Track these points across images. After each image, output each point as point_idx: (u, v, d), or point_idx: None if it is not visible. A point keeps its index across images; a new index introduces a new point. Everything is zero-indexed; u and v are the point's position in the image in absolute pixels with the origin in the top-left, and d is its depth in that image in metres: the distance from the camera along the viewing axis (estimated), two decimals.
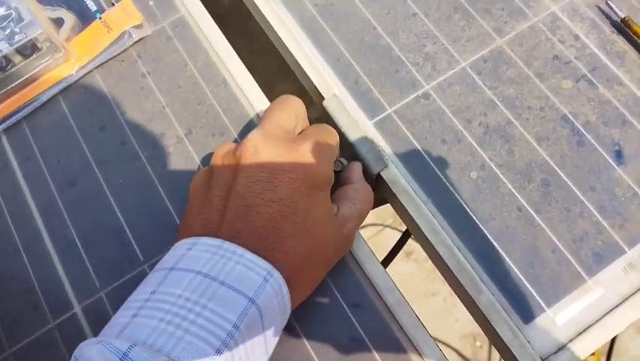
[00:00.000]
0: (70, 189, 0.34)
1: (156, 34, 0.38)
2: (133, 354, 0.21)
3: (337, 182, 0.32)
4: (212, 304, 0.23)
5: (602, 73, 0.35)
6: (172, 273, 0.25)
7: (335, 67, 0.37)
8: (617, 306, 0.30)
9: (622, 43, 0.36)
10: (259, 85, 0.37)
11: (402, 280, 1.15)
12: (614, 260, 0.31)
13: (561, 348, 0.29)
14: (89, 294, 0.32)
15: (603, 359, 1.07)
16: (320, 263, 0.29)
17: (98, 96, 0.37)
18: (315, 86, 0.36)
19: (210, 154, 0.34)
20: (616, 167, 0.33)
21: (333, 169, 0.30)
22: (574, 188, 0.32)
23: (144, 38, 0.38)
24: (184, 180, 0.33)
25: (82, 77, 0.37)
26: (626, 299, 0.30)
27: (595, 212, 0.32)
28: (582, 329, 0.30)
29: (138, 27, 0.38)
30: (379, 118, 0.35)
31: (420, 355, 0.29)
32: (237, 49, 0.38)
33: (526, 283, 0.31)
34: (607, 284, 0.30)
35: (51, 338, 0.31)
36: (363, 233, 0.32)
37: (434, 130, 0.35)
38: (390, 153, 0.34)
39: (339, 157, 0.33)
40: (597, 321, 0.30)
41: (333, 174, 0.30)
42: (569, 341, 0.29)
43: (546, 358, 0.29)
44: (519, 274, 0.31)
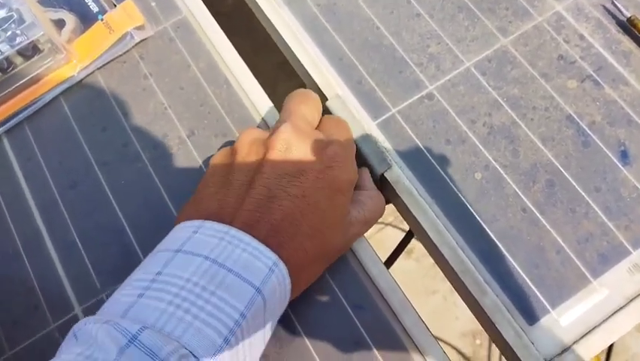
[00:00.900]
0: (71, 190, 0.34)
1: (158, 35, 0.38)
2: (143, 337, 0.21)
3: None
4: (220, 291, 0.23)
5: (608, 73, 0.35)
6: (178, 255, 0.24)
7: (338, 67, 0.37)
8: (622, 307, 0.30)
9: (628, 42, 0.36)
10: (261, 85, 0.36)
11: (402, 278, 1.15)
12: (620, 261, 0.31)
13: (565, 350, 0.29)
14: (90, 295, 0.32)
15: (603, 357, 1.07)
16: (322, 263, 0.29)
17: (100, 98, 0.37)
18: (318, 86, 0.36)
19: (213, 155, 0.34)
20: (621, 167, 0.32)
21: (356, 174, 0.30)
22: (579, 189, 0.32)
23: (146, 39, 0.38)
24: (186, 182, 0.33)
25: (83, 79, 0.37)
26: (631, 301, 0.30)
27: (600, 213, 0.32)
28: (587, 331, 0.29)
29: (140, 28, 0.38)
30: (383, 118, 0.35)
31: (423, 357, 0.29)
32: (240, 49, 0.37)
33: (530, 284, 0.30)
34: (612, 285, 0.30)
35: (51, 340, 0.31)
36: (365, 234, 0.31)
37: (438, 130, 0.34)
38: (393, 154, 0.34)
39: None
40: (602, 322, 0.30)
41: (356, 179, 0.30)
42: (574, 343, 0.29)
43: (550, 359, 0.29)
44: (523, 275, 0.30)
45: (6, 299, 0.32)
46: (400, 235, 0.43)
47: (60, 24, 0.38)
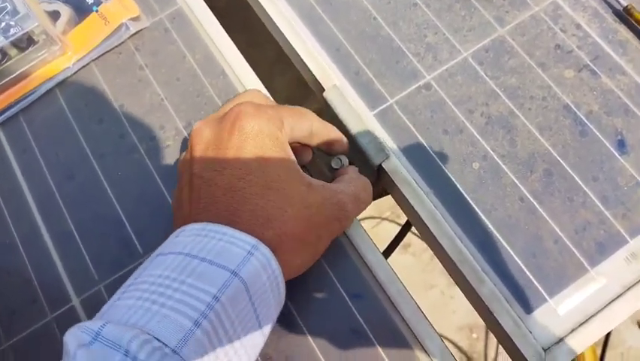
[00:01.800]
0: (68, 181, 0.34)
1: (154, 26, 0.38)
2: (106, 332, 0.21)
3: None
4: (190, 279, 0.23)
5: (605, 62, 0.35)
6: (157, 258, 0.25)
7: (335, 58, 0.37)
8: (619, 296, 0.30)
9: (624, 32, 0.36)
10: (258, 77, 0.36)
11: (399, 272, 1.15)
12: (617, 250, 0.31)
13: (563, 338, 0.29)
14: (88, 287, 0.32)
15: (599, 350, 1.08)
16: (307, 226, 0.27)
17: (96, 89, 0.36)
18: (315, 77, 0.36)
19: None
20: (619, 156, 0.32)
21: (280, 131, 0.28)
22: (576, 178, 0.32)
23: (142, 31, 0.38)
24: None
25: (79, 70, 0.37)
26: (628, 289, 0.30)
27: (597, 202, 0.32)
28: (584, 319, 0.29)
29: (135, 19, 0.37)
30: (380, 109, 0.35)
31: (421, 345, 0.29)
32: (236, 41, 0.37)
33: (528, 273, 0.30)
34: (609, 274, 0.30)
35: (49, 331, 0.31)
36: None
37: (436, 121, 0.34)
38: (391, 144, 0.34)
39: (339, 155, 0.32)
40: (599, 311, 0.30)
41: (277, 126, 0.28)
42: (571, 331, 0.29)
43: (548, 348, 0.29)
44: (521, 264, 0.31)
45: (3, 291, 0.32)
46: (397, 230, 0.43)
47: (55, 15, 0.38)
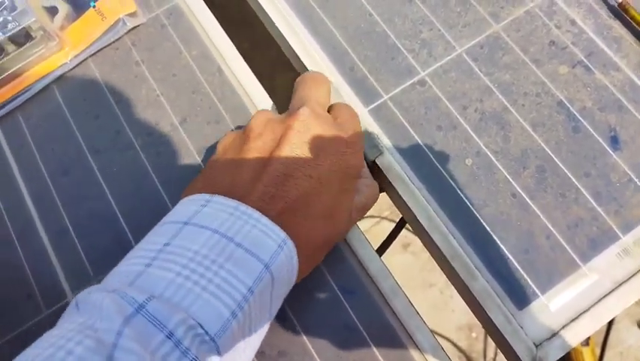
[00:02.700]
0: (63, 177, 0.34)
1: (150, 22, 0.38)
2: (150, 306, 0.20)
3: None
4: (229, 265, 0.23)
5: (599, 58, 0.35)
6: (186, 228, 0.24)
7: (331, 54, 0.37)
8: (611, 292, 0.30)
9: (619, 28, 0.36)
10: (259, 76, 0.36)
11: (399, 271, 1.15)
12: (609, 246, 0.31)
13: (554, 334, 0.29)
14: (83, 282, 0.32)
15: (598, 350, 1.08)
16: (326, 248, 0.29)
17: (92, 85, 0.37)
18: None
19: (205, 143, 0.34)
20: (612, 153, 0.33)
21: (363, 161, 0.32)
22: (569, 174, 0.32)
23: (138, 26, 0.38)
24: (178, 169, 0.33)
25: (76, 66, 0.37)
26: (620, 285, 0.30)
27: (590, 198, 0.32)
28: (576, 315, 0.30)
29: (132, 15, 0.38)
30: (375, 105, 0.35)
31: (413, 341, 0.29)
32: (237, 40, 0.37)
33: (520, 269, 0.30)
34: (601, 270, 0.30)
35: (44, 327, 0.31)
36: (360, 225, 0.32)
37: (430, 117, 0.34)
38: (385, 141, 0.34)
39: None
40: (591, 307, 0.30)
41: (363, 166, 0.31)
42: (563, 327, 0.29)
43: (539, 343, 0.29)
44: (513, 260, 0.31)
45: None
46: None
47: (52, 11, 0.38)
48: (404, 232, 0.43)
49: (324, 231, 0.27)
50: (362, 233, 0.32)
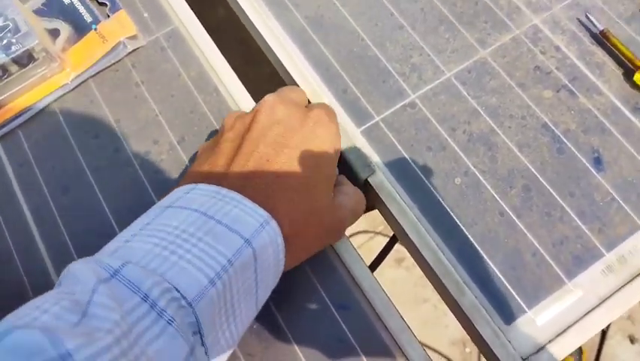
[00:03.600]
0: (63, 195, 0.35)
1: (150, 44, 0.39)
2: (125, 271, 0.21)
3: None
4: (208, 238, 0.23)
5: (582, 83, 0.36)
6: (168, 210, 0.25)
7: (324, 77, 0.38)
8: (596, 307, 0.31)
9: (601, 54, 0.37)
10: (253, 93, 0.37)
11: (393, 286, 1.16)
12: (593, 263, 0.32)
13: (541, 348, 0.30)
14: None
15: None
16: (314, 231, 0.29)
17: (93, 105, 0.38)
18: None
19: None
20: (595, 173, 0.34)
21: (338, 148, 0.33)
22: (554, 193, 0.33)
23: (138, 49, 0.39)
24: (174, 184, 0.34)
25: (77, 86, 0.38)
26: (604, 301, 0.31)
27: (575, 217, 0.33)
28: (562, 330, 0.31)
29: (133, 38, 0.39)
30: (367, 126, 0.36)
31: (405, 356, 0.30)
32: (232, 58, 0.39)
33: (507, 285, 0.31)
34: (586, 286, 0.31)
35: None
36: (354, 240, 0.32)
37: (420, 138, 0.36)
38: (377, 160, 0.35)
39: None
40: (576, 322, 0.31)
41: (339, 151, 0.32)
42: (549, 342, 0.30)
43: (527, 358, 0.30)
44: (501, 276, 0.32)
45: None
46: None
47: (55, 33, 0.39)
48: (398, 247, 0.44)
49: (303, 205, 0.27)
50: (355, 250, 0.33)
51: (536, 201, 0.33)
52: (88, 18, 0.40)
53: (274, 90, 0.33)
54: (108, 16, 0.40)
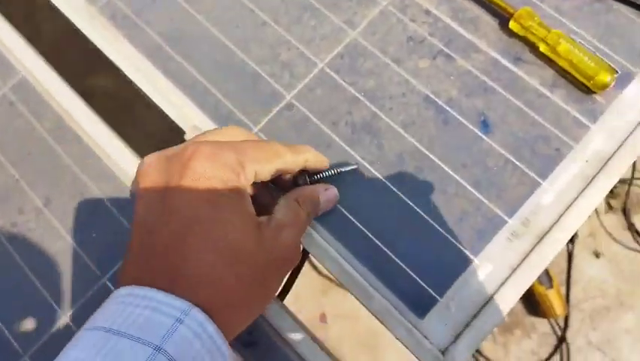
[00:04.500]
0: None
1: None
2: None
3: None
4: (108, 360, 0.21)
5: (458, 44, 0.34)
6: (84, 333, 0.22)
7: (191, 95, 0.35)
8: (509, 278, 0.30)
9: (474, 8, 0.35)
10: (124, 135, 0.34)
11: (336, 303, 1.14)
12: (497, 232, 0.31)
13: (459, 335, 0.29)
14: None
15: (563, 290, 1.11)
16: (250, 279, 0.25)
17: None
18: (173, 120, 0.34)
19: (74, 219, 0.32)
20: (484, 137, 0.32)
21: (232, 171, 0.26)
22: (446, 168, 0.32)
23: None
24: (51, 257, 0.31)
25: None
26: (516, 269, 0.30)
27: (470, 188, 0.31)
28: (478, 310, 0.29)
29: None
30: None
31: None
32: (95, 99, 0.35)
33: (415, 277, 0.30)
34: (494, 259, 0.30)
35: None
36: None
37: (302, 140, 0.33)
38: None
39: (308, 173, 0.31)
40: (491, 297, 0.29)
41: (234, 172, 0.25)
42: (466, 326, 0.29)
43: (445, 348, 0.29)
44: (408, 270, 0.30)
45: None
46: None
47: None
48: (305, 260, 0.42)
49: (216, 261, 0.24)
50: None
51: (430, 180, 0.32)
52: None
53: (151, 123, 0.30)
54: None
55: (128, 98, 0.36)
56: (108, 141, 0.34)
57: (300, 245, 0.29)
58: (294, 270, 0.34)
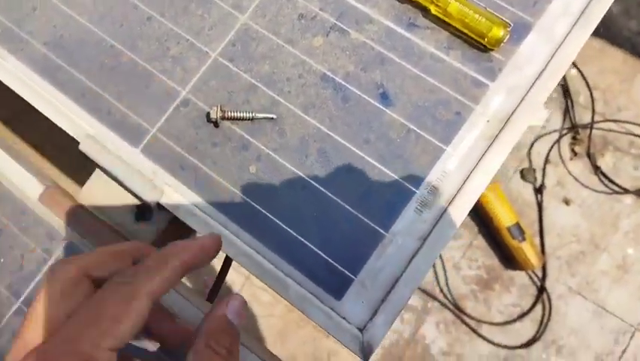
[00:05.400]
0: None
1: None
2: None
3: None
4: None
5: (350, 16, 0.35)
6: None
7: (82, 103, 0.35)
8: (420, 248, 0.31)
9: None
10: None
11: (274, 311, 1.12)
12: (406, 205, 0.32)
13: (376, 312, 0.30)
14: None
15: (537, 240, 1.15)
16: None
17: None
18: (66, 131, 0.34)
19: None
20: (385, 109, 0.33)
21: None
22: (350, 146, 0.33)
23: None
24: None
25: None
26: (426, 239, 0.31)
27: (376, 163, 0.32)
28: (392, 284, 0.31)
29: None
30: (145, 143, 0.34)
31: None
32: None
33: (329, 259, 0.31)
34: (404, 231, 0.31)
35: None
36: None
37: (202, 136, 0.34)
38: (166, 177, 0.33)
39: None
40: (404, 270, 0.31)
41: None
42: (382, 302, 0.30)
43: (364, 326, 0.30)
44: (320, 253, 0.31)
45: None
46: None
47: None
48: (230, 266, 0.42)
49: None
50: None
51: (335, 161, 0.32)
52: None
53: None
54: None
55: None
56: (14, 171, 0.34)
57: None
58: (222, 271, 0.35)
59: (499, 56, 0.33)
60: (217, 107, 0.33)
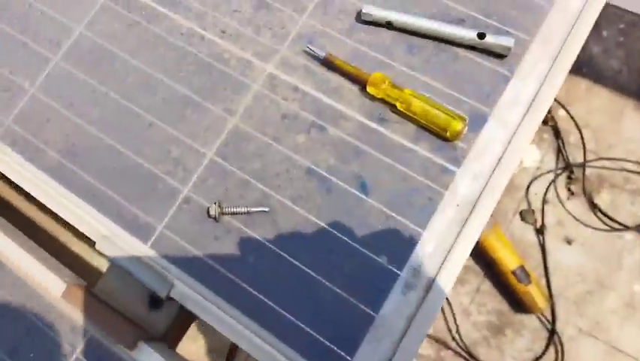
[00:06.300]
0: None
1: None
2: None
3: None
4: None
5: (327, 114, 0.41)
6: None
7: (95, 205, 0.41)
8: (408, 328, 0.36)
9: (335, 78, 0.42)
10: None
11: None
12: (392, 287, 0.37)
13: None
14: None
15: (543, 281, 1.18)
16: None
17: None
18: (83, 234, 0.40)
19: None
20: (365, 198, 0.38)
21: None
22: (336, 233, 0.38)
23: None
24: None
25: None
26: (413, 318, 0.36)
27: (361, 248, 0.37)
28: None
29: None
30: (154, 239, 0.39)
31: None
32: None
33: (325, 342, 0.36)
34: (392, 313, 0.36)
35: None
36: None
37: (204, 230, 0.39)
38: (174, 271, 0.38)
39: None
40: (395, 351, 0.35)
41: None
42: None
43: None
44: (318, 336, 0.36)
45: None
46: None
47: None
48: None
49: None
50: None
51: (323, 247, 0.38)
52: None
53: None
54: None
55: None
56: (33, 266, 0.39)
57: None
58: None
59: (462, 145, 0.39)
60: (216, 204, 0.38)
